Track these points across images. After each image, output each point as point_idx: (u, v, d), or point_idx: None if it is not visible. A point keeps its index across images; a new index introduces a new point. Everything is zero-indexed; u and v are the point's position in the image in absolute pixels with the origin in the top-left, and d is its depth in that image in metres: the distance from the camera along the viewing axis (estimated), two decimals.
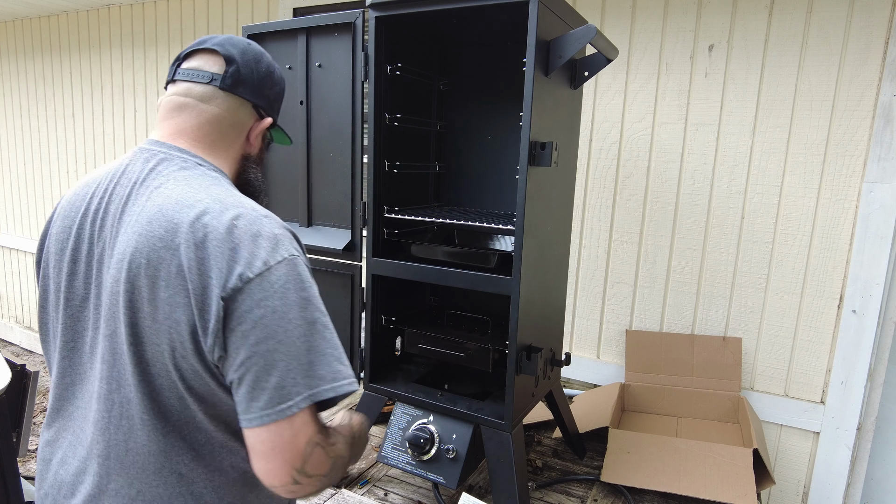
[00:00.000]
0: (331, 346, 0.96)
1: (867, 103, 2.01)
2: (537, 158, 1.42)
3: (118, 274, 0.95)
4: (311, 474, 0.94)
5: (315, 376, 0.93)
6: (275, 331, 0.91)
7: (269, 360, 0.91)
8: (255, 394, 0.91)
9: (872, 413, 2.19)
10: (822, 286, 2.16)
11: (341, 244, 1.72)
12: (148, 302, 0.93)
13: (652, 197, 2.40)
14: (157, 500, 0.99)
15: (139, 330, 0.95)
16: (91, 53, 4.07)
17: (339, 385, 0.94)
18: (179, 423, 0.98)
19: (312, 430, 0.93)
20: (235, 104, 1.10)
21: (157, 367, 0.96)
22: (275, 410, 0.90)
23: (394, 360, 1.92)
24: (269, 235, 0.95)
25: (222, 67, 1.09)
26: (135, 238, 0.95)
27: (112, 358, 0.98)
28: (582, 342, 2.62)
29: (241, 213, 0.96)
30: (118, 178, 1.04)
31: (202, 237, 0.92)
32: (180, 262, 0.92)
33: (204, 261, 0.91)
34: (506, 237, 1.93)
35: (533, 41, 1.36)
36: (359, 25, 1.61)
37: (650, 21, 2.31)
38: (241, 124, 1.12)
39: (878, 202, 2.02)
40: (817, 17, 2.05)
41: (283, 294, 0.92)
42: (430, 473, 1.59)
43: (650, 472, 1.80)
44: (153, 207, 0.96)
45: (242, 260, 0.92)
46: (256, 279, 0.91)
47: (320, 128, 1.74)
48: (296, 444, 0.92)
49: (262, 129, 1.15)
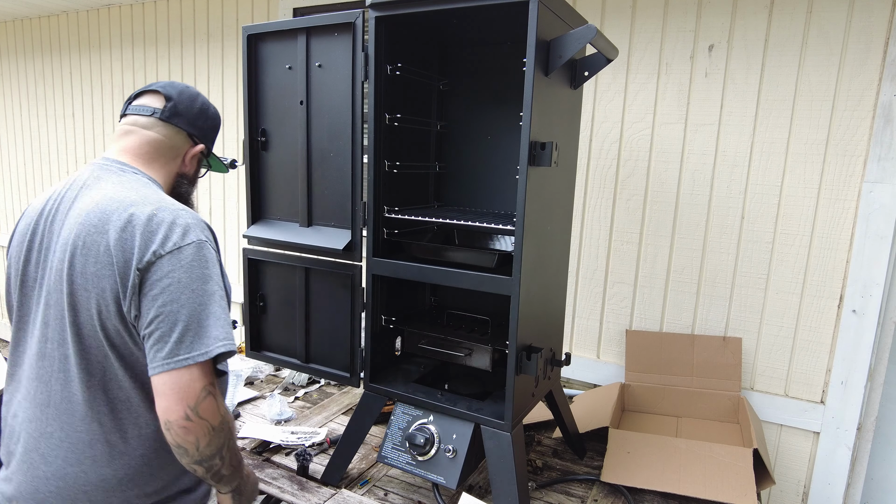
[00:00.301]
0: (224, 314, 1.21)
1: (867, 103, 2.01)
2: (537, 158, 1.42)
3: (62, 255, 1.20)
4: (202, 416, 1.16)
5: (209, 336, 1.16)
6: (178, 296, 1.15)
7: (173, 320, 1.14)
8: (160, 346, 1.14)
9: (872, 413, 2.19)
10: (822, 286, 2.16)
11: (341, 244, 1.72)
12: (81, 275, 1.18)
13: (652, 197, 2.40)
14: (80, 444, 1.22)
15: (74, 299, 1.19)
16: (91, 53, 4.07)
17: (227, 343, 1.18)
18: (104, 379, 1.22)
19: (207, 380, 1.17)
20: (172, 132, 1.38)
21: (88, 328, 1.19)
22: (174, 360, 1.14)
23: (394, 360, 1.92)
24: (182, 224, 1.20)
25: (162, 103, 1.37)
26: (76, 227, 1.20)
27: (54, 323, 1.22)
28: (582, 342, 2.62)
29: (161, 206, 1.22)
30: (70, 185, 1.30)
31: (126, 222, 1.17)
32: (108, 243, 1.17)
33: (126, 241, 1.16)
34: (506, 237, 1.93)
35: (533, 41, 1.36)
36: (359, 25, 1.61)
37: (650, 21, 2.31)
38: (177, 148, 1.40)
39: (878, 202, 2.02)
40: (817, 17, 2.05)
41: (188, 269, 1.17)
42: (430, 473, 1.59)
43: (650, 472, 1.80)
44: (91, 202, 1.22)
45: (157, 241, 1.17)
46: (167, 255, 1.16)
47: (320, 128, 1.74)
48: (192, 387, 1.15)
49: (196, 153, 1.43)
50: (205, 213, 3.75)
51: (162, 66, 3.74)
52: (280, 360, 1.96)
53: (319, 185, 1.78)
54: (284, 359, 1.95)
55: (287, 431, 2.03)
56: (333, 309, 1.82)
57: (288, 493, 1.72)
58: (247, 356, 2.04)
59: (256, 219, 1.92)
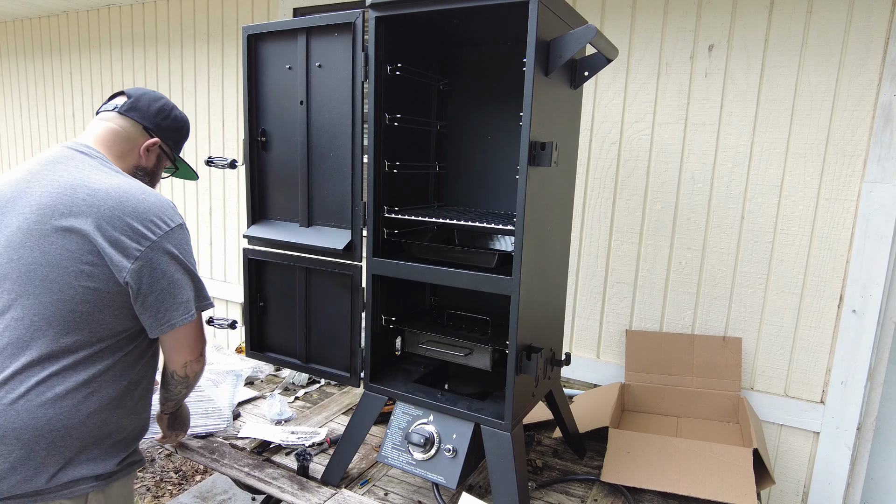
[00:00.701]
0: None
1: (867, 103, 2.02)
2: (537, 158, 1.42)
3: (34, 215, 1.36)
4: (205, 354, 1.59)
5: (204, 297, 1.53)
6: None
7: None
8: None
9: (872, 413, 2.19)
10: (821, 286, 2.16)
11: (341, 244, 1.72)
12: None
13: (652, 197, 2.40)
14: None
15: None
16: (91, 53, 4.07)
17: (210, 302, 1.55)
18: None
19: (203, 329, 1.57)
20: (128, 124, 1.58)
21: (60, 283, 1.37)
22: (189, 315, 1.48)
23: (394, 360, 1.92)
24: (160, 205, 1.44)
25: (124, 101, 1.59)
26: (47, 198, 1.36)
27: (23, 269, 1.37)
28: (582, 342, 2.62)
29: (145, 190, 1.45)
30: (42, 160, 1.46)
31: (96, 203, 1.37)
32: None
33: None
34: (506, 237, 1.93)
35: (533, 41, 1.36)
36: (359, 25, 1.61)
37: (650, 21, 2.31)
38: (132, 139, 1.58)
39: (878, 202, 2.02)
40: (817, 17, 2.05)
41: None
42: (430, 473, 1.59)
43: (650, 471, 1.80)
44: (63, 181, 1.39)
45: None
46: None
47: (320, 128, 1.74)
48: (203, 332, 1.56)
49: (150, 145, 1.60)
50: (205, 213, 3.75)
51: (162, 66, 3.74)
52: (280, 360, 1.96)
53: (319, 185, 1.78)
54: (284, 359, 1.95)
55: (287, 431, 2.03)
56: (333, 309, 1.82)
57: (288, 493, 1.72)
58: (247, 356, 2.04)
59: (256, 219, 1.92)
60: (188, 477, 3.35)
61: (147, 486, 3.23)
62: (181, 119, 1.69)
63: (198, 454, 1.91)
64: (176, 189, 3.85)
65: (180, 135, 1.70)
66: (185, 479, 3.33)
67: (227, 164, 1.89)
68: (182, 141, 1.73)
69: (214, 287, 3.77)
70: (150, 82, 3.81)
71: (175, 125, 1.67)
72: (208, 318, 2.04)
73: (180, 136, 1.70)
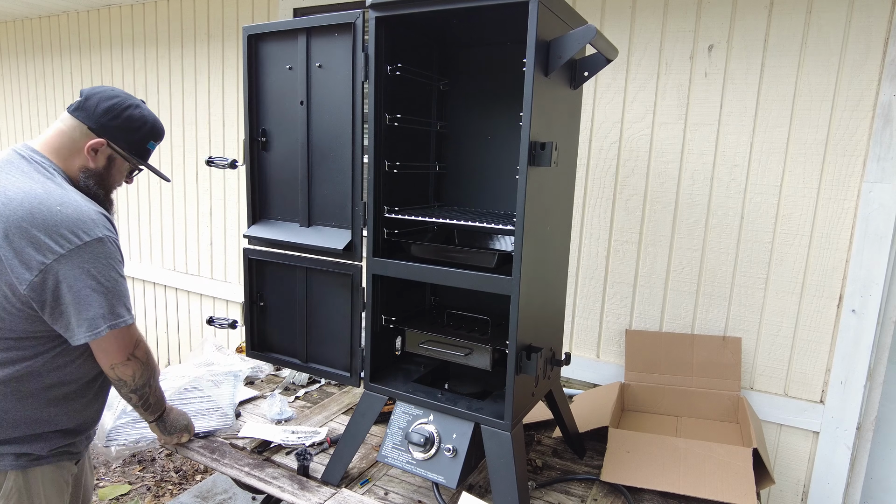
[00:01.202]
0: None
1: (867, 103, 2.02)
2: (537, 158, 1.42)
3: None
4: (137, 356, 1.57)
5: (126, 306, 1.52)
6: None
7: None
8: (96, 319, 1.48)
9: (872, 412, 2.19)
10: (821, 286, 2.16)
11: (341, 244, 1.73)
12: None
13: (652, 197, 2.40)
14: None
15: None
16: (91, 53, 4.07)
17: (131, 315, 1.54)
18: None
19: (137, 335, 1.57)
20: (74, 123, 1.56)
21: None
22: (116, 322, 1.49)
23: (394, 360, 1.93)
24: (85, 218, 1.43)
25: (77, 100, 1.58)
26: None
27: None
28: (582, 342, 2.62)
29: (65, 201, 1.42)
30: None
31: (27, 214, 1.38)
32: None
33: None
34: (506, 237, 1.93)
35: (533, 41, 1.36)
36: (359, 25, 1.61)
37: (650, 21, 2.31)
38: (76, 139, 1.55)
39: (878, 202, 2.02)
40: (817, 17, 2.05)
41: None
42: (430, 473, 1.59)
43: (650, 471, 1.80)
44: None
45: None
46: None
47: (320, 128, 1.74)
48: (130, 339, 1.54)
49: (95, 145, 1.55)
50: (205, 213, 3.75)
51: (162, 66, 3.74)
52: (280, 360, 1.96)
53: (319, 185, 1.78)
54: (284, 358, 1.95)
55: (287, 431, 2.03)
56: (333, 309, 1.82)
57: (288, 493, 1.72)
58: (247, 356, 2.04)
59: (256, 219, 1.92)
60: (188, 476, 3.35)
61: (147, 486, 3.24)
62: (136, 118, 1.62)
63: (198, 454, 1.92)
64: (176, 189, 3.86)
65: (135, 135, 1.63)
66: (185, 478, 3.33)
67: (228, 164, 1.90)
68: (141, 141, 1.65)
69: (214, 287, 3.78)
70: (150, 82, 3.81)
71: (127, 125, 1.60)
72: (208, 317, 2.05)
73: (136, 137, 1.63)
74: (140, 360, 1.58)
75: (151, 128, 1.66)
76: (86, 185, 1.58)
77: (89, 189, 1.58)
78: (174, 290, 4.05)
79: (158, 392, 1.73)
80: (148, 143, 1.67)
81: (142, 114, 1.64)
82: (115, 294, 1.48)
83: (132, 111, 1.61)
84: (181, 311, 4.05)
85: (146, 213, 4.06)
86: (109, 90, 1.61)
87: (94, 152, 1.57)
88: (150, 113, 1.68)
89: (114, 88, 1.63)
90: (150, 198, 4.02)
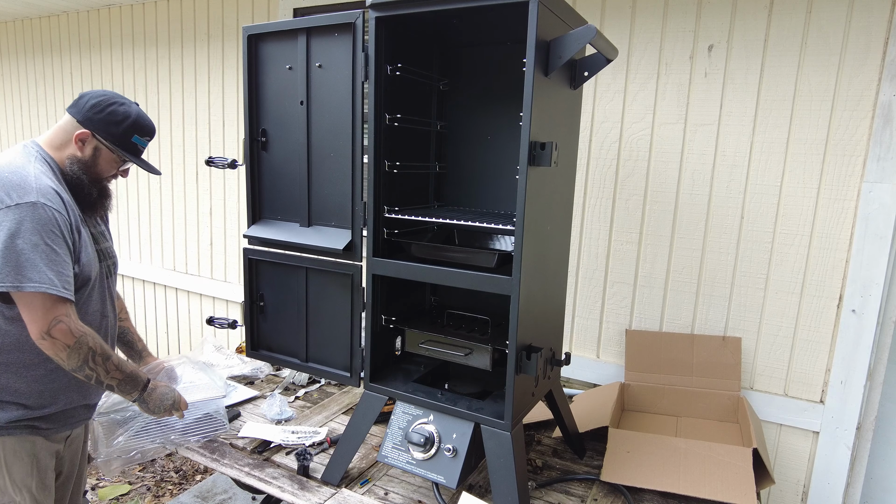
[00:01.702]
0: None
1: (867, 103, 2.02)
2: (537, 158, 1.42)
3: None
4: (55, 336, 1.52)
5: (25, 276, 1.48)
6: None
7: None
8: None
9: (872, 412, 2.19)
10: (821, 286, 2.16)
11: (341, 244, 1.73)
12: None
13: (652, 197, 2.40)
14: None
15: None
16: (91, 53, 4.07)
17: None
18: None
19: (60, 314, 1.52)
20: (68, 118, 1.70)
21: None
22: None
23: (394, 359, 1.93)
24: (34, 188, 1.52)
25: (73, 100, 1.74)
26: None
27: None
28: (582, 342, 2.62)
29: (16, 170, 1.54)
30: None
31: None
32: None
33: None
34: (506, 237, 1.93)
35: (533, 41, 1.36)
36: (359, 25, 1.61)
37: (650, 21, 2.31)
38: (68, 131, 1.69)
39: (878, 202, 2.02)
40: (817, 17, 2.05)
41: None
42: (430, 473, 1.59)
43: (650, 471, 1.80)
44: None
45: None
46: None
47: (320, 128, 1.74)
48: (44, 312, 1.51)
49: (81, 136, 1.67)
50: (205, 213, 3.75)
51: (162, 66, 3.74)
52: (280, 360, 1.96)
53: (319, 185, 1.78)
54: (284, 358, 1.95)
55: (287, 431, 2.03)
56: (333, 309, 1.82)
57: (288, 493, 1.72)
58: (247, 356, 2.04)
59: (256, 219, 1.92)
60: (188, 476, 3.35)
61: (147, 486, 3.24)
62: (119, 113, 1.70)
63: (198, 454, 1.92)
64: (176, 189, 3.86)
65: (118, 128, 1.70)
66: (185, 478, 3.33)
67: (228, 164, 1.90)
68: (124, 134, 1.71)
69: (214, 287, 3.78)
70: (150, 82, 3.81)
71: (110, 118, 1.69)
72: (208, 318, 2.05)
73: (118, 130, 1.70)
74: (61, 343, 1.54)
75: (134, 122, 1.73)
76: (71, 171, 1.68)
77: (74, 174, 1.68)
78: (174, 290, 4.05)
79: (118, 374, 1.68)
80: (132, 137, 1.73)
81: (126, 110, 1.72)
82: (29, 258, 1.48)
83: (116, 107, 1.71)
84: (181, 311, 4.05)
85: (146, 213, 4.06)
86: (101, 91, 1.74)
87: (81, 143, 1.68)
88: (138, 111, 1.75)
89: (107, 90, 1.76)
90: (150, 198, 4.02)
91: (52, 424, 1.69)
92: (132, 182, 4.08)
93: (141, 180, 4.04)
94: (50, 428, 1.69)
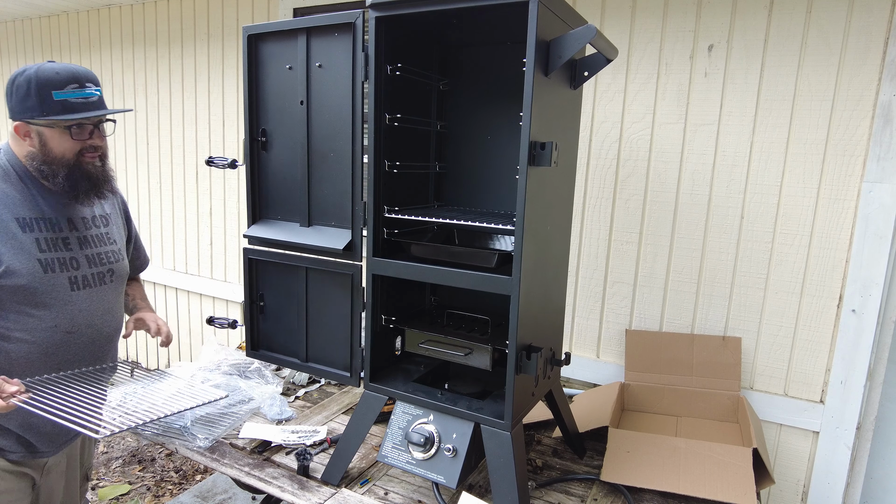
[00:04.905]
0: None
1: (867, 103, 2.02)
2: (537, 158, 1.42)
3: None
4: None
5: None
6: None
7: None
8: None
9: (872, 412, 2.19)
10: (821, 286, 2.16)
11: (341, 244, 1.73)
12: None
13: (651, 197, 2.40)
14: None
15: None
16: (91, 53, 4.07)
17: None
18: None
19: None
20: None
21: None
22: None
23: (394, 359, 1.93)
24: None
25: None
26: None
27: None
28: (582, 342, 2.62)
29: None
30: None
31: None
32: None
33: None
34: (506, 237, 1.93)
35: (533, 41, 1.36)
36: (359, 25, 1.61)
37: (650, 21, 2.31)
38: (12, 133, 1.63)
39: (878, 202, 2.02)
40: (817, 17, 2.05)
41: None
42: (430, 473, 1.59)
43: (650, 471, 1.80)
44: None
45: None
46: None
47: (320, 128, 1.74)
48: None
49: (15, 129, 1.60)
50: (205, 213, 3.76)
51: (162, 66, 3.74)
52: (280, 360, 1.96)
53: (319, 185, 1.78)
54: (284, 358, 1.95)
55: (287, 431, 2.03)
56: (333, 309, 1.82)
57: (288, 493, 1.72)
58: (247, 356, 2.04)
59: (256, 219, 1.92)
60: (188, 476, 3.35)
61: (147, 486, 3.24)
62: (22, 84, 1.54)
63: (198, 454, 1.92)
64: (176, 189, 3.86)
65: (31, 99, 1.53)
66: (185, 478, 3.33)
67: (228, 164, 1.89)
68: (41, 101, 1.53)
69: (214, 287, 3.78)
70: (150, 82, 3.82)
71: (20, 95, 1.55)
72: (208, 317, 2.05)
73: (33, 101, 1.53)
74: None
75: (37, 80, 1.53)
76: (32, 167, 1.63)
77: (36, 169, 1.63)
78: (174, 290, 4.05)
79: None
80: (52, 95, 1.53)
81: (26, 76, 1.54)
82: None
83: (19, 81, 1.56)
84: (181, 311, 4.05)
85: (146, 213, 4.06)
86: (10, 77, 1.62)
87: (26, 136, 1.60)
88: (38, 66, 1.56)
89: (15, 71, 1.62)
90: (150, 198, 4.02)
91: (6, 441, 1.63)
92: (132, 182, 4.08)
93: (141, 181, 4.04)
94: (4, 448, 1.63)
